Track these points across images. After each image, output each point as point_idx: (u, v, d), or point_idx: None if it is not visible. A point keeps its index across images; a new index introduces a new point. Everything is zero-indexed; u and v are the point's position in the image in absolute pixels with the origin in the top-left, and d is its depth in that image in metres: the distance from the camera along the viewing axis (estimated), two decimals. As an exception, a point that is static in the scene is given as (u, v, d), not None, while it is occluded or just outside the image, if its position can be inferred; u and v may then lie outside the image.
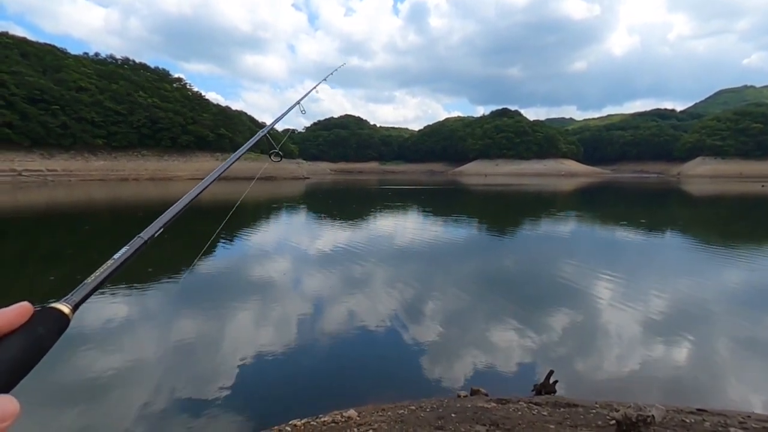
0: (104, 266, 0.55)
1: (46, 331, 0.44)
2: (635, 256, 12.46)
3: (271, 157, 1.82)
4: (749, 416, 3.92)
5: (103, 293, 8.03)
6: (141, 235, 0.66)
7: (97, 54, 73.15)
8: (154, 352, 5.72)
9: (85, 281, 0.51)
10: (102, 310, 6.99)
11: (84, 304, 0.53)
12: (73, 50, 72.80)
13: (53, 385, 4.66)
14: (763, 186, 50.04)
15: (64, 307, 0.48)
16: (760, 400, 4.76)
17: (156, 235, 0.69)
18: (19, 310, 0.42)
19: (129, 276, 8.86)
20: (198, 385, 4.78)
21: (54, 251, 12.20)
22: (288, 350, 5.77)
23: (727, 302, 7.99)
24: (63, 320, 0.47)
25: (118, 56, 75.10)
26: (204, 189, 0.92)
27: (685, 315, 7.30)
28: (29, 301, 0.42)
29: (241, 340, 6.06)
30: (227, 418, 4.16)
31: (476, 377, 5.14)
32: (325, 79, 2.93)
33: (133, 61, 75.62)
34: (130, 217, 20.58)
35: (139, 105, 62.74)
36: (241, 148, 1.21)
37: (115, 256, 0.58)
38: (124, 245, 0.65)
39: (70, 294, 0.49)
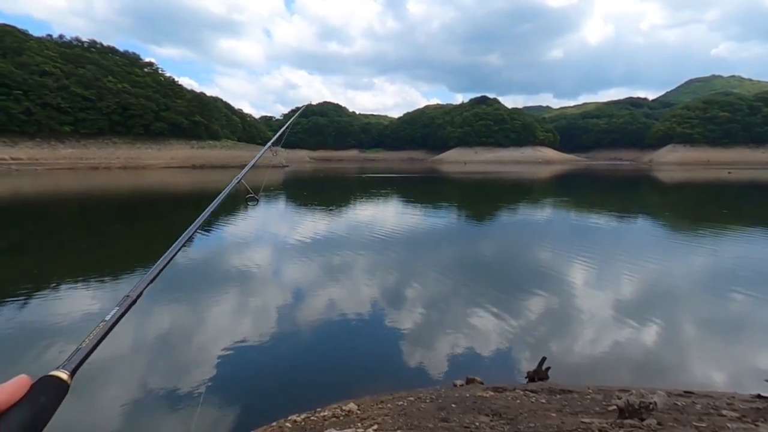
0: (96, 329, 0.53)
1: (48, 400, 0.44)
2: (618, 241, 12.78)
3: (247, 203, 1.87)
4: (733, 397, 4.07)
5: (99, 287, 7.73)
6: (128, 294, 0.66)
7: (61, 36, 69.60)
8: (147, 347, 5.54)
9: (79, 346, 0.50)
10: (101, 307, 6.72)
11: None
12: (35, 32, 68.78)
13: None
14: (729, 173, 52.07)
15: (62, 374, 0.47)
16: (734, 378, 4.97)
17: (143, 292, 0.69)
18: (18, 383, 0.42)
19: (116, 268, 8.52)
20: (192, 381, 4.66)
21: (18, 244, 11.66)
22: (280, 344, 5.69)
23: (704, 285, 8.29)
24: (62, 387, 0.47)
25: (84, 39, 71.62)
26: (185, 242, 0.95)
27: (661, 298, 7.54)
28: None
29: (230, 335, 5.92)
30: (222, 415, 4.07)
31: (468, 365, 5.17)
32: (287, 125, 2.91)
33: (101, 44, 72.21)
34: (103, 207, 19.85)
35: (108, 90, 60.14)
36: (218, 197, 1.28)
37: (106, 318, 0.57)
38: (114, 306, 0.64)
39: (66, 360, 0.48)
